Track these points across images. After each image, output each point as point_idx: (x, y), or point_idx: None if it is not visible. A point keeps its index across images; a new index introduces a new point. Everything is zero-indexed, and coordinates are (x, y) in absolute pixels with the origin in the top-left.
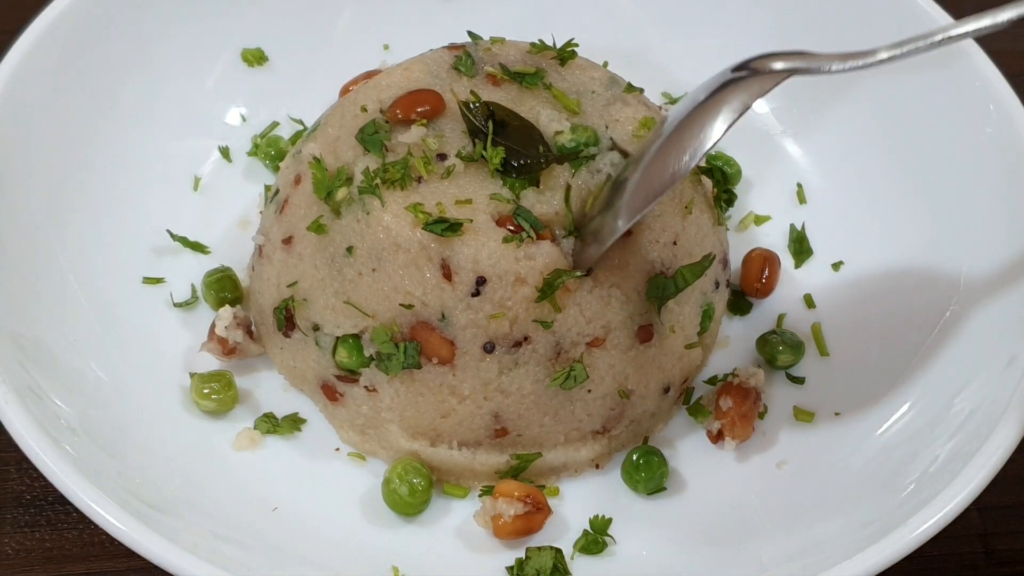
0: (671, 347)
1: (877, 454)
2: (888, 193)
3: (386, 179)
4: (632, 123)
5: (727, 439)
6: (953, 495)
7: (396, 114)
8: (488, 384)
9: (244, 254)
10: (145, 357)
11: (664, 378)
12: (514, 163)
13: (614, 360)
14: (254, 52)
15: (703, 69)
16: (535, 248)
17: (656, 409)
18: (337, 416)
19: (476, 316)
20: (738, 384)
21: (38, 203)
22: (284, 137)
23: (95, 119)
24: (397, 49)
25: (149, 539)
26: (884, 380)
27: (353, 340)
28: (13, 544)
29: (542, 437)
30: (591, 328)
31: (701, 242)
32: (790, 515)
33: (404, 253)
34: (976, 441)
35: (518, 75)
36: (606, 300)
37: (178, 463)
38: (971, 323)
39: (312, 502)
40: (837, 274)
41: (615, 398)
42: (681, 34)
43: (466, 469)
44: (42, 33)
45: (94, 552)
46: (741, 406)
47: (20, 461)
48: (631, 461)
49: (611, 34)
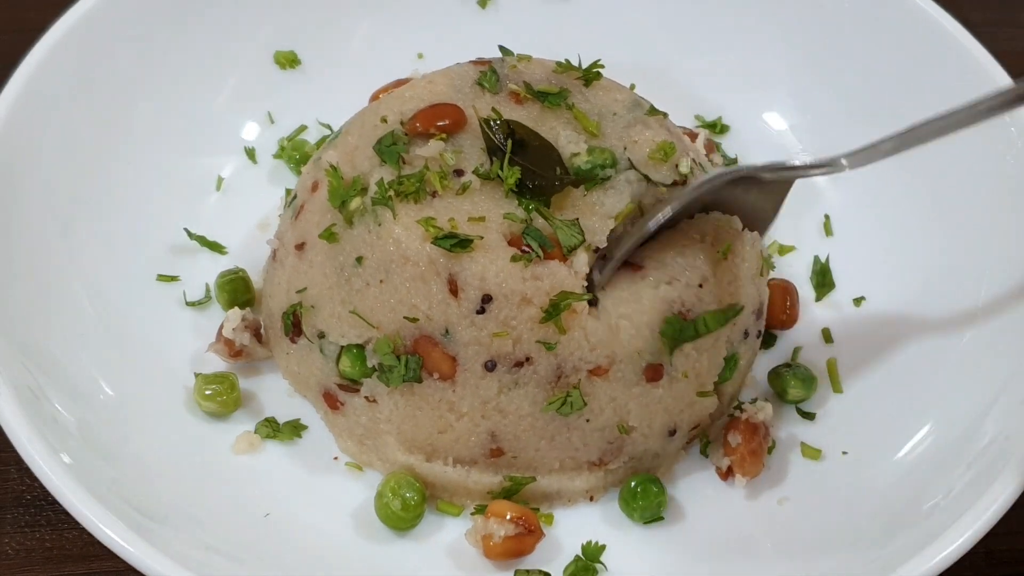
0: (681, 391)
1: (886, 492)
2: (913, 227)
3: (400, 191)
4: (650, 145)
5: (737, 476)
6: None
7: (416, 127)
8: (487, 403)
9: (261, 256)
10: (151, 358)
11: (670, 421)
12: (529, 184)
13: (616, 393)
14: (287, 55)
15: (727, 89)
16: (542, 268)
17: (660, 450)
18: (337, 424)
19: (479, 333)
20: (746, 419)
21: (53, 201)
22: (310, 141)
23: (119, 119)
24: (431, 58)
25: (141, 549)
26: (897, 420)
27: (357, 350)
28: (13, 544)
29: (537, 461)
30: (594, 355)
31: (734, 291)
32: (791, 549)
33: (412, 266)
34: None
35: (541, 94)
36: (613, 330)
37: (175, 466)
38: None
39: (306, 511)
40: (858, 309)
41: (614, 431)
42: (707, 55)
43: (460, 486)
44: (64, 31)
45: (94, 552)
46: (750, 442)
47: (20, 461)
48: (629, 488)
49: (641, 51)
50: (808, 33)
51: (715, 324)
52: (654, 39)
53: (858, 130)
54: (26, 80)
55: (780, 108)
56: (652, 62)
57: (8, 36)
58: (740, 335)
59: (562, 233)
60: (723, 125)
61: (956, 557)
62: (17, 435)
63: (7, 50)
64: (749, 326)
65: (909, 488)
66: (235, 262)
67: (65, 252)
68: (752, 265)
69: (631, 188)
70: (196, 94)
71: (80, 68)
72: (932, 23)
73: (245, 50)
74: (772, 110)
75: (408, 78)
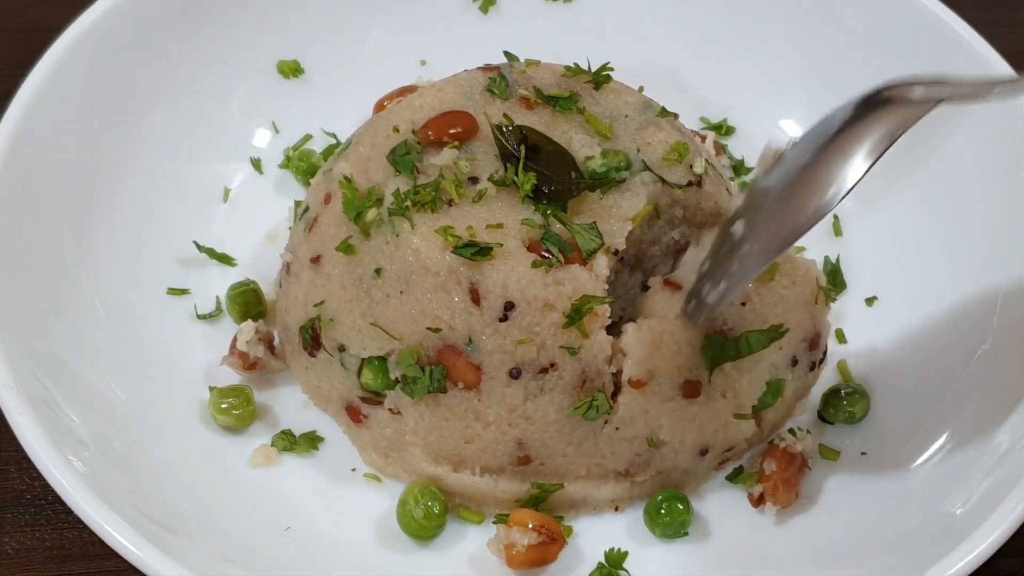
0: (717, 411)
1: (904, 498)
2: (924, 226)
3: (416, 201)
4: (664, 147)
5: (768, 504)
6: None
7: (428, 135)
8: (513, 411)
9: (271, 267)
10: (165, 371)
11: (703, 440)
12: (545, 189)
13: (651, 406)
14: (290, 64)
15: (735, 93)
16: (564, 273)
17: (689, 468)
18: (360, 438)
19: (503, 341)
20: (784, 448)
21: (64, 214)
22: (316, 151)
23: (124, 131)
24: (434, 65)
25: (158, 561)
26: (914, 419)
27: (379, 362)
28: (13, 543)
29: (564, 467)
30: (636, 371)
31: (781, 313)
32: (809, 556)
33: (433, 276)
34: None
35: (552, 99)
36: (656, 345)
37: (192, 479)
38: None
39: (326, 523)
40: (871, 310)
41: (643, 443)
42: (713, 57)
43: (487, 496)
44: (71, 42)
45: (95, 551)
46: (785, 471)
47: (20, 460)
48: (655, 502)
49: (646, 54)
50: (818, 36)
51: (758, 344)
52: (656, 42)
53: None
54: (33, 93)
55: (792, 112)
56: (657, 65)
57: (8, 35)
58: (787, 361)
59: (581, 237)
60: (728, 127)
61: (975, 567)
62: (33, 447)
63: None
64: (799, 353)
65: (925, 498)
66: (245, 274)
67: (80, 265)
68: (804, 290)
69: (647, 190)
70: (200, 104)
71: (87, 78)
72: (943, 26)
73: (247, 60)
74: (785, 115)
75: (412, 85)
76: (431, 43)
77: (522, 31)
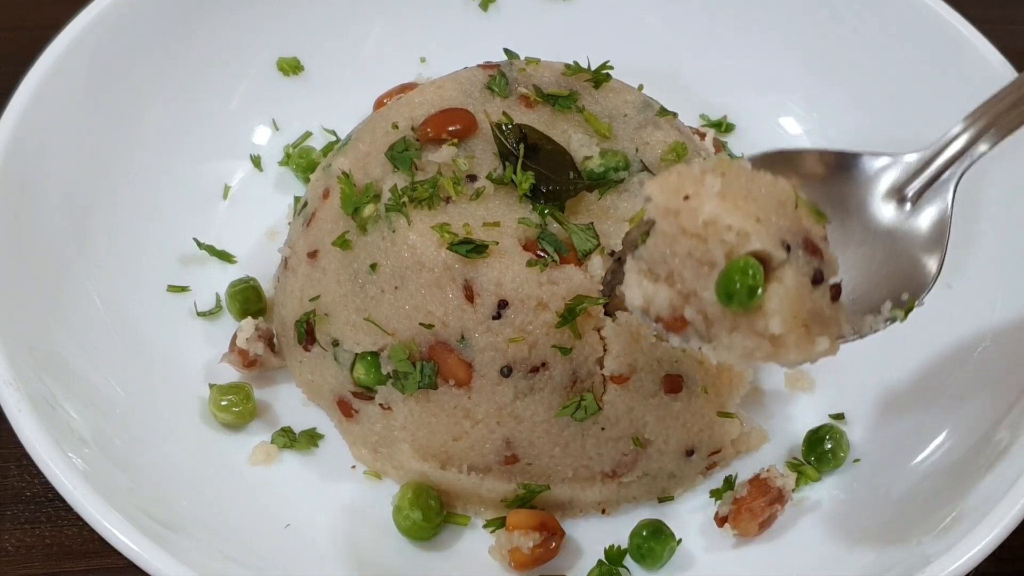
0: (700, 408)
1: (901, 498)
2: None
3: (414, 198)
4: (662, 146)
5: (727, 526)
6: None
7: (427, 132)
8: (502, 409)
9: (270, 264)
10: (165, 368)
11: (688, 439)
12: (543, 188)
13: (634, 403)
14: (290, 61)
15: (734, 90)
16: (559, 273)
17: (676, 470)
18: (351, 432)
19: (495, 339)
20: (766, 479)
21: (64, 212)
22: (316, 148)
23: (123, 128)
24: (434, 62)
25: (159, 559)
26: (912, 426)
27: (371, 357)
28: (13, 540)
29: (551, 468)
30: (616, 364)
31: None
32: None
33: (428, 272)
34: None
35: (551, 97)
36: (635, 338)
37: (192, 477)
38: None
39: (325, 521)
40: None
41: (629, 443)
42: (712, 55)
43: (473, 494)
44: (71, 40)
45: (94, 548)
46: (754, 500)
47: (20, 458)
48: (639, 534)
49: (645, 53)
50: (820, 35)
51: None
52: (656, 40)
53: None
54: (32, 91)
55: (791, 110)
56: (656, 63)
57: (8, 35)
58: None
59: (577, 238)
60: (728, 124)
61: (972, 565)
62: (33, 444)
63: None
64: (793, 246)
65: (925, 496)
66: (244, 271)
67: (79, 262)
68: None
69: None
70: (200, 101)
71: (87, 76)
72: (945, 26)
73: (247, 57)
74: (784, 113)
75: (412, 83)
76: (431, 40)
77: (522, 29)
